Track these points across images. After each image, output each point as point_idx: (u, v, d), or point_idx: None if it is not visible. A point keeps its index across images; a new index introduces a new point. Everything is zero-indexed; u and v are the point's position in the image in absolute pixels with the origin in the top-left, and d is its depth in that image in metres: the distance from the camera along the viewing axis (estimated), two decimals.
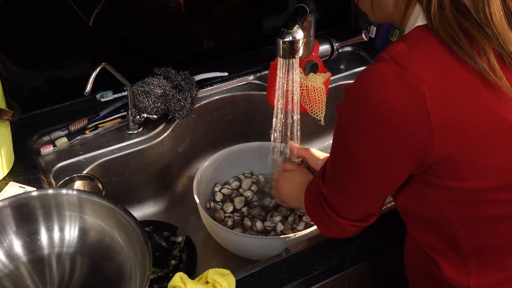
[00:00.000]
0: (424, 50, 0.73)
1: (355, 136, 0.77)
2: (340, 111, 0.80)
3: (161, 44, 1.37)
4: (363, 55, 1.56)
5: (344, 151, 0.81)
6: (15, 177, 1.12)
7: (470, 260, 0.84)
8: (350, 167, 0.82)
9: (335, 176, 0.86)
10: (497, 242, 0.83)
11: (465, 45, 0.72)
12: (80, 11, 1.18)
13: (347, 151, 0.80)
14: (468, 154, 0.74)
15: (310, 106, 1.33)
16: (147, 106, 1.24)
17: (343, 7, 1.61)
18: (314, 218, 0.95)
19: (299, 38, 1.06)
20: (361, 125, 0.75)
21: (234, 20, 1.45)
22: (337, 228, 0.91)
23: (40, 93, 1.28)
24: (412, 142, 0.73)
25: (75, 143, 1.23)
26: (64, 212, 0.96)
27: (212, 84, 1.40)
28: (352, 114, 0.77)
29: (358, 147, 0.77)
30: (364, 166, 0.79)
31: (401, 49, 0.74)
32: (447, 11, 0.73)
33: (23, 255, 0.94)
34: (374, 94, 0.72)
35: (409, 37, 0.76)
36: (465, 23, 0.72)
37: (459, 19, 0.73)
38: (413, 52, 0.73)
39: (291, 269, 0.99)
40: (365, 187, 0.83)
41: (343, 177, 0.84)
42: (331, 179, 0.87)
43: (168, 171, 1.37)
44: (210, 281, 0.92)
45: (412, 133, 0.72)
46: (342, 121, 0.80)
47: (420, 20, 0.76)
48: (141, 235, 0.89)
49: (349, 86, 0.77)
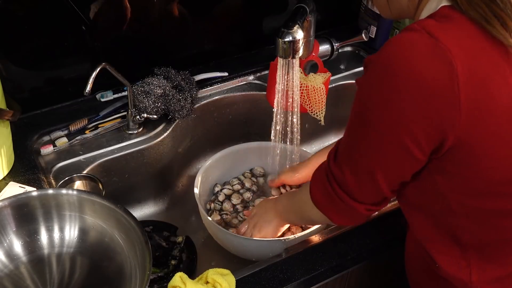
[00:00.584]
0: (456, 26, 0.70)
1: (377, 107, 0.73)
2: (360, 84, 0.75)
3: (161, 44, 1.37)
4: (363, 55, 1.56)
5: (363, 125, 0.76)
6: (15, 177, 1.12)
7: (472, 254, 0.83)
8: (368, 141, 0.76)
9: (350, 154, 0.81)
10: (501, 237, 0.82)
11: (498, 25, 0.69)
12: (80, 11, 1.18)
13: (367, 124, 0.75)
14: (488, 142, 0.72)
15: (310, 106, 1.33)
16: (147, 106, 1.24)
17: (343, 7, 1.61)
18: (324, 206, 0.89)
19: (299, 38, 1.06)
20: (385, 96, 0.71)
21: (234, 20, 1.45)
22: (351, 213, 0.86)
23: (40, 93, 1.28)
24: (438, 117, 0.69)
25: (75, 143, 1.23)
26: (64, 212, 0.96)
27: (212, 84, 1.40)
28: (376, 85, 0.72)
29: (380, 119, 0.73)
30: (385, 139, 0.74)
31: (432, 22, 0.70)
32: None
33: (23, 255, 0.94)
34: (403, 64, 0.68)
35: (436, 15, 0.72)
36: (493, 6, 0.69)
37: (487, 2, 0.69)
38: (444, 27, 0.69)
39: (291, 269, 0.99)
40: (383, 163, 0.78)
41: (359, 153, 0.79)
42: (346, 157, 0.82)
43: (168, 171, 1.37)
44: (210, 281, 0.92)
45: (439, 108, 0.69)
46: (363, 93, 0.75)
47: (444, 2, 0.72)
48: (141, 235, 0.89)
49: (372, 57, 0.73)
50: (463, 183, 0.77)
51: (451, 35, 0.69)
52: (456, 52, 0.67)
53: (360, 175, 0.81)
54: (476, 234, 0.82)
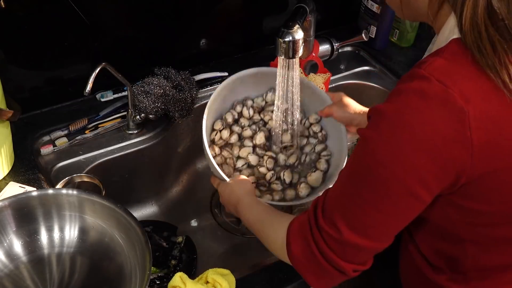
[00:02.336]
0: (464, 66, 0.68)
1: (389, 160, 0.70)
2: (366, 136, 0.72)
3: (161, 44, 1.37)
4: (363, 55, 1.56)
5: (368, 179, 0.72)
6: (15, 177, 1.12)
7: (473, 275, 0.83)
8: (373, 195, 0.72)
9: (349, 208, 0.75)
10: (505, 262, 0.82)
11: (489, 54, 0.67)
12: (80, 11, 1.18)
13: (374, 178, 0.71)
14: (501, 178, 0.71)
15: None
16: (147, 106, 1.24)
17: (343, 7, 1.61)
18: (304, 266, 0.81)
19: (299, 38, 1.06)
20: (398, 149, 0.69)
21: (234, 20, 1.45)
22: (333, 275, 0.79)
23: (40, 93, 1.28)
24: (451, 163, 0.68)
25: (75, 143, 1.23)
26: (64, 212, 0.96)
27: (212, 84, 1.41)
28: (387, 138, 0.69)
29: (391, 171, 0.70)
30: (394, 190, 0.71)
31: (440, 65, 0.68)
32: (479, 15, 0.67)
33: (23, 255, 0.94)
34: (416, 115, 0.67)
35: (446, 51, 0.70)
36: (491, 29, 0.67)
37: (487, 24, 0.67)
38: (453, 69, 0.68)
39: (291, 269, 0.99)
40: (389, 216, 0.74)
41: (362, 207, 0.73)
42: (341, 212, 0.75)
43: (168, 171, 1.37)
44: (210, 281, 0.92)
45: (452, 155, 0.68)
46: (371, 147, 0.71)
47: (456, 33, 0.71)
48: (141, 235, 0.90)
49: (380, 108, 0.70)
50: (473, 214, 0.76)
51: (461, 78, 0.67)
52: (467, 96, 0.66)
53: (360, 230, 0.74)
54: (480, 258, 0.81)
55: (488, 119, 0.67)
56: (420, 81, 0.68)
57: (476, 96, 0.67)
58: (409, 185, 0.70)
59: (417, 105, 0.67)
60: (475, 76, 0.68)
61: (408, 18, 0.83)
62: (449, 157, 0.68)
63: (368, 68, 1.53)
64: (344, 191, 0.76)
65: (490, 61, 0.67)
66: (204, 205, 1.39)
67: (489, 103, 0.67)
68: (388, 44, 1.57)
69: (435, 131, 0.67)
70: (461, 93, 0.66)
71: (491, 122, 0.67)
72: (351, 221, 0.75)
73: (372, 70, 1.53)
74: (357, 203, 0.74)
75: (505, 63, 0.67)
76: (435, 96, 0.66)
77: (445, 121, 0.66)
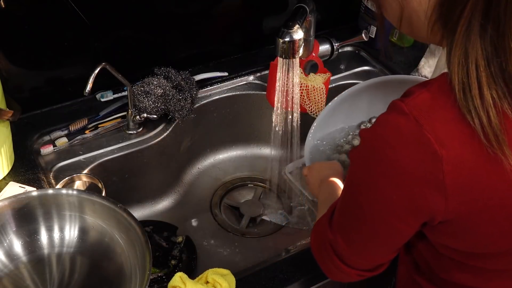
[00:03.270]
0: (446, 105, 0.65)
1: (365, 189, 0.73)
2: (353, 159, 0.75)
3: (161, 44, 1.37)
4: (363, 55, 1.56)
5: (353, 200, 0.77)
6: (15, 177, 1.12)
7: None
8: (357, 218, 0.76)
9: (343, 224, 0.80)
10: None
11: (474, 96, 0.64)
12: (80, 11, 1.18)
13: (356, 202, 0.75)
14: (474, 220, 0.71)
15: (310, 106, 1.33)
16: (147, 106, 1.24)
17: (343, 7, 1.61)
18: (319, 261, 0.88)
19: (299, 38, 1.06)
20: (372, 180, 0.71)
21: (234, 20, 1.45)
22: (342, 275, 0.85)
23: (40, 93, 1.28)
24: (424, 202, 0.68)
25: (75, 143, 1.23)
26: (64, 212, 0.96)
27: (212, 84, 1.41)
28: (364, 167, 0.72)
29: (368, 201, 0.73)
30: (375, 219, 0.74)
31: (423, 101, 0.67)
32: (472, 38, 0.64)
33: (23, 255, 0.94)
34: (389, 151, 0.67)
35: (434, 85, 0.68)
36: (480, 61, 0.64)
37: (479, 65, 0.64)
38: (434, 107, 0.66)
39: (291, 269, 0.99)
40: (373, 241, 0.78)
41: (351, 227, 0.78)
42: (338, 226, 0.81)
43: (168, 171, 1.37)
44: (210, 281, 0.92)
45: (425, 194, 0.68)
46: (353, 168, 0.75)
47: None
48: (141, 235, 0.90)
49: (364, 133, 0.71)
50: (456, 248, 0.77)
51: (440, 119, 0.65)
52: (442, 140, 0.64)
53: (352, 245, 0.80)
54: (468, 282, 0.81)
55: (463, 164, 0.65)
56: (398, 116, 0.67)
57: (453, 139, 0.65)
58: (386, 217, 0.72)
59: (390, 141, 0.67)
60: (457, 118, 0.65)
61: (404, 32, 0.79)
62: (422, 197, 0.68)
63: (368, 68, 1.53)
64: (341, 205, 0.80)
65: (472, 104, 0.64)
66: (204, 205, 1.40)
67: (466, 148, 0.65)
68: (388, 44, 1.57)
69: (407, 170, 0.67)
70: (436, 136, 0.64)
71: (466, 167, 0.66)
72: (345, 236, 0.79)
73: (372, 70, 1.53)
74: (348, 222, 0.79)
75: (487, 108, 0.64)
76: (410, 134, 0.65)
77: (417, 161, 0.66)
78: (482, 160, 0.65)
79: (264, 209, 1.38)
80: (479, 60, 0.64)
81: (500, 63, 0.63)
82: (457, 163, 0.65)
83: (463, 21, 0.63)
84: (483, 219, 0.70)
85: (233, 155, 1.50)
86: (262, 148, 1.52)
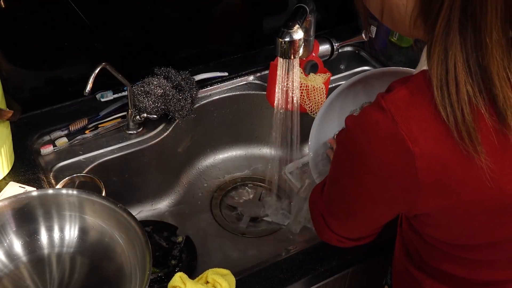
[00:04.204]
0: (423, 102, 0.66)
1: (346, 173, 0.77)
2: (337, 141, 0.79)
3: (161, 44, 1.37)
4: (363, 55, 1.56)
5: (335, 179, 0.82)
6: (15, 177, 1.12)
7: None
8: (338, 196, 0.82)
9: (327, 197, 0.86)
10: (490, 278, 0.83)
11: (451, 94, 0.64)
12: (80, 11, 1.18)
13: (338, 182, 0.81)
14: (450, 213, 0.72)
15: (310, 106, 1.33)
16: (147, 106, 1.24)
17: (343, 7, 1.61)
18: (312, 218, 0.95)
19: (299, 38, 1.06)
20: (352, 166, 0.75)
21: (234, 20, 1.45)
22: (326, 237, 0.91)
23: (40, 93, 1.28)
24: (400, 193, 0.72)
25: (75, 143, 1.23)
26: (64, 212, 0.96)
27: (212, 84, 1.41)
28: (345, 152, 0.76)
29: (347, 184, 0.78)
30: (350, 201, 0.80)
31: (401, 98, 0.68)
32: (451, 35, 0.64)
33: (23, 255, 0.94)
34: (366, 145, 0.70)
35: (413, 82, 0.69)
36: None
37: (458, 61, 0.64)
38: (412, 104, 0.67)
39: (291, 269, 0.99)
40: (351, 219, 0.84)
41: (333, 202, 0.85)
42: (325, 196, 0.87)
43: (168, 171, 1.37)
44: (210, 281, 0.92)
45: (400, 188, 0.71)
46: (337, 151, 0.79)
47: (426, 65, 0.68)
48: (141, 235, 0.89)
49: (349, 121, 0.73)
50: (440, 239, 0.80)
51: (416, 116, 0.66)
52: (415, 137, 0.66)
53: (335, 218, 0.87)
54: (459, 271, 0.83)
55: (436, 160, 0.66)
56: (377, 111, 0.68)
57: (427, 137, 0.66)
58: (363, 201, 0.77)
59: (368, 136, 0.69)
60: (433, 115, 0.66)
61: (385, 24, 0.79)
62: (397, 188, 0.70)
63: (368, 68, 1.53)
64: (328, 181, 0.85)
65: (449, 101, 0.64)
66: (204, 205, 1.40)
67: (440, 145, 0.66)
68: (388, 44, 1.57)
69: (382, 163, 0.69)
70: (410, 134, 0.66)
71: (439, 163, 0.67)
72: (329, 203, 0.86)
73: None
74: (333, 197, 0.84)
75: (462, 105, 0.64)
76: (386, 130, 0.67)
77: (392, 156, 0.68)
78: (456, 157, 0.66)
79: (264, 209, 1.38)
80: (458, 57, 0.64)
81: (477, 58, 0.64)
82: (430, 160, 0.66)
83: (442, 17, 0.64)
84: (459, 213, 0.72)
85: (233, 155, 1.50)
86: (262, 148, 1.52)
